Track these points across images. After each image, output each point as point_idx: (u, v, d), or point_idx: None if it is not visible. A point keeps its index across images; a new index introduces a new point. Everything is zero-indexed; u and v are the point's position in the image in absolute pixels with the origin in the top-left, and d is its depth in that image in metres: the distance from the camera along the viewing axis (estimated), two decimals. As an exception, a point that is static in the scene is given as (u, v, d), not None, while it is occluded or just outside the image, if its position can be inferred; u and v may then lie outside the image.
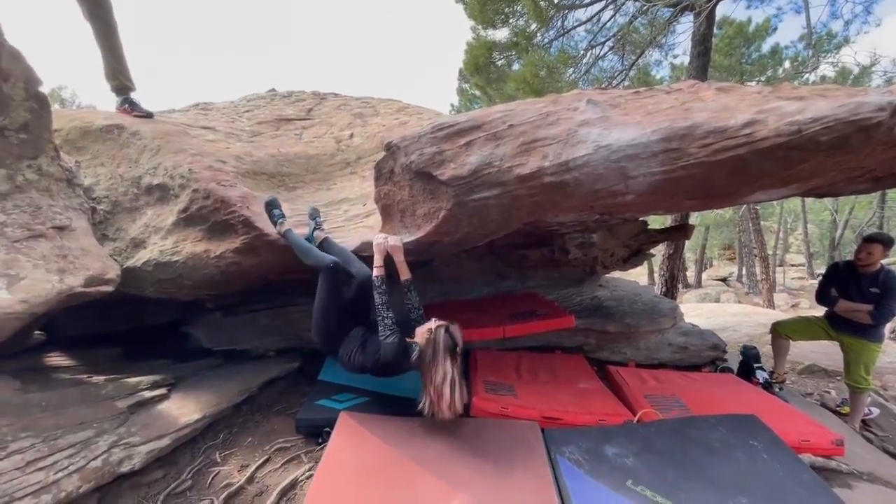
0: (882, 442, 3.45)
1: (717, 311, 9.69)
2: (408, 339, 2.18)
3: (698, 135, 1.63)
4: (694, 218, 19.08)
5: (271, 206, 2.53)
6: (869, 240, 3.28)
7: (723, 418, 2.49)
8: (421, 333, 2.13)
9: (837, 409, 3.74)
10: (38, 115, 2.03)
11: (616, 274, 6.63)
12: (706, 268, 24.24)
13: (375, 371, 2.25)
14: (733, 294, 17.62)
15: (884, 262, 3.28)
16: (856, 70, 10.27)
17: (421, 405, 2.11)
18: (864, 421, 3.60)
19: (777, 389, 3.53)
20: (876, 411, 3.76)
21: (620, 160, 1.69)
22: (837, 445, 2.45)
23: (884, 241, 3.24)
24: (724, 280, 21.18)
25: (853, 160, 1.78)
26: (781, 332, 3.81)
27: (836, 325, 3.49)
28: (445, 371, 2.02)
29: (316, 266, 2.29)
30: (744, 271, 19.64)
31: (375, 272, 2.24)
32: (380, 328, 2.17)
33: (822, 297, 3.53)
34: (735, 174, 1.72)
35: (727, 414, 2.55)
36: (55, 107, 2.25)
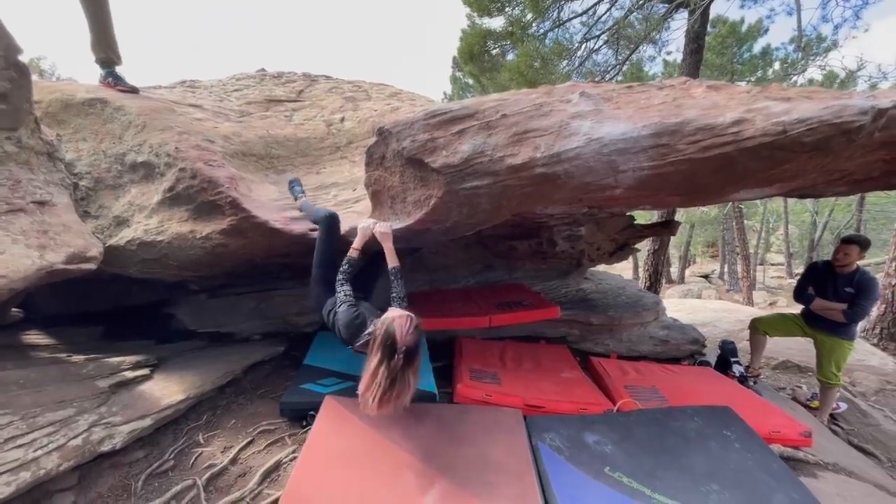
0: (848, 435, 3.60)
1: (699, 306, 9.91)
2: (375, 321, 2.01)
3: (688, 131, 1.65)
4: (679, 215, 19.36)
5: (294, 183, 2.83)
6: (846, 241, 3.38)
7: (699, 409, 2.57)
8: (379, 321, 1.94)
9: (807, 402, 3.88)
10: (17, 86, 1.96)
11: (602, 268, 6.73)
12: (689, 264, 24.70)
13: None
14: (714, 290, 17.99)
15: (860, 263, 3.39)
16: (842, 74, 10.46)
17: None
18: (832, 415, 3.75)
19: (751, 383, 3.64)
20: (844, 406, 3.92)
21: (611, 154, 1.71)
22: (806, 437, 2.55)
23: (860, 243, 3.34)
24: (706, 277, 21.60)
25: (834, 162, 1.82)
26: (760, 329, 3.92)
27: (811, 323, 3.59)
28: (372, 365, 1.83)
29: (315, 219, 2.39)
30: (726, 268, 20.05)
31: (350, 252, 2.22)
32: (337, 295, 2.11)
33: (799, 294, 3.63)
34: (721, 171, 1.75)
35: (703, 405, 2.63)
36: (34, 77, 2.17)
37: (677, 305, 9.85)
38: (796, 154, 1.62)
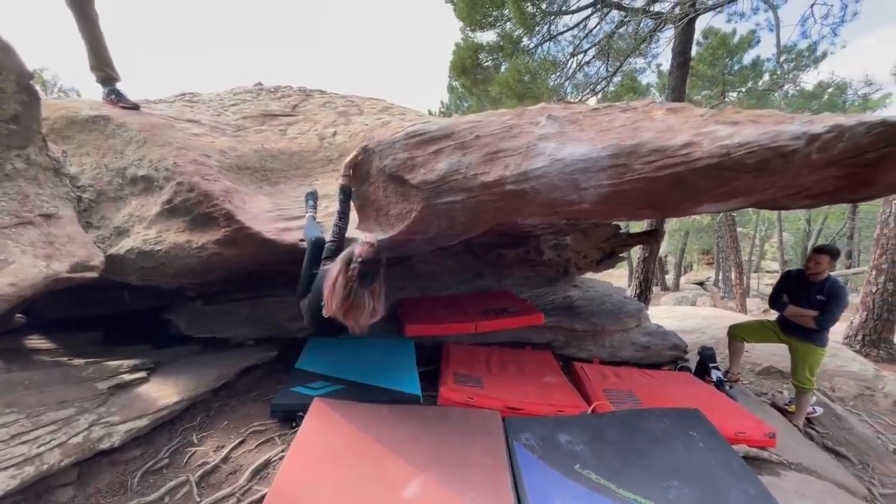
0: (822, 438, 3.72)
1: (691, 313, 10.06)
2: None
3: (642, 153, 1.81)
4: (674, 223, 19.57)
5: (309, 197, 2.95)
6: (817, 251, 3.53)
7: (668, 411, 2.70)
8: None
9: (785, 407, 4.00)
10: (28, 108, 2.12)
11: (599, 275, 6.83)
12: (685, 271, 24.87)
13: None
14: (709, 298, 18.13)
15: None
16: (829, 87, 10.76)
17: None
18: (808, 419, 3.87)
19: (728, 388, 3.77)
20: (820, 410, 4.04)
21: (573, 173, 1.86)
22: (770, 438, 2.68)
23: (831, 253, 3.49)
24: (701, 284, 21.75)
25: (781, 180, 1.97)
26: (737, 335, 4.06)
27: (785, 329, 3.73)
28: (333, 274, 1.97)
29: (306, 240, 2.53)
30: (720, 276, 20.21)
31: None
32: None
33: (774, 302, 3.78)
34: (675, 189, 1.90)
35: (672, 407, 2.76)
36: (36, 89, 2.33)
37: (669, 312, 10.00)
38: (740, 174, 1.78)
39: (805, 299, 3.52)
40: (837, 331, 6.81)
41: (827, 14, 6.30)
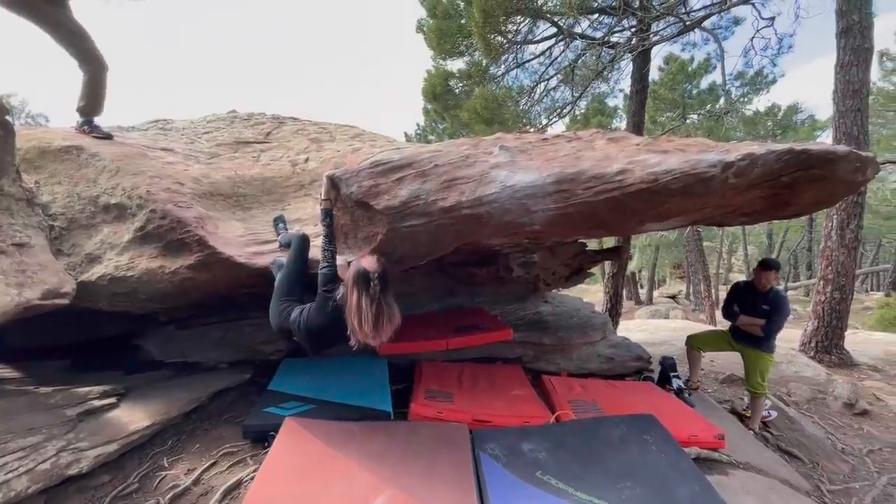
0: (777, 440, 3.94)
1: (662, 326, 10.43)
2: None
3: (583, 179, 2.01)
4: (644, 239, 20.23)
5: (278, 221, 3.06)
6: (761, 264, 3.84)
7: (625, 418, 2.86)
8: (348, 272, 2.08)
9: (743, 412, 4.22)
10: (3, 141, 2.20)
11: (574, 291, 7.06)
12: (658, 285, 25.56)
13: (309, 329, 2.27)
14: (681, 311, 18.67)
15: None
16: (778, 111, 11.57)
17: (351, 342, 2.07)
18: (763, 422, 4.10)
19: (686, 395, 3.97)
20: (774, 414, 4.28)
21: (522, 198, 2.05)
22: (720, 439, 2.87)
23: (772, 266, 3.80)
24: (673, 297, 22.39)
25: (710, 201, 2.21)
26: (694, 345, 4.31)
27: (737, 338, 3.99)
28: (353, 302, 1.96)
29: (287, 241, 2.61)
30: (691, 289, 20.87)
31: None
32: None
33: (726, 312, 4.04)
34: (615, 211, 2.11)
35: (629, 414, 2.93)
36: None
37: (642, 326, 10.35)
38: (669, 197, 1.99)
39: (752, 308, 3.79)
40: (793, 338, 7.20)
41: (766, 46, 6.88)
